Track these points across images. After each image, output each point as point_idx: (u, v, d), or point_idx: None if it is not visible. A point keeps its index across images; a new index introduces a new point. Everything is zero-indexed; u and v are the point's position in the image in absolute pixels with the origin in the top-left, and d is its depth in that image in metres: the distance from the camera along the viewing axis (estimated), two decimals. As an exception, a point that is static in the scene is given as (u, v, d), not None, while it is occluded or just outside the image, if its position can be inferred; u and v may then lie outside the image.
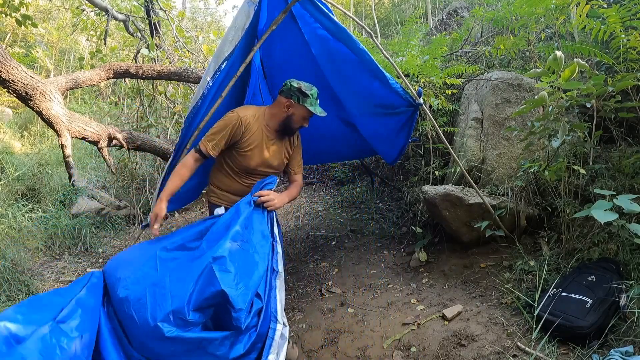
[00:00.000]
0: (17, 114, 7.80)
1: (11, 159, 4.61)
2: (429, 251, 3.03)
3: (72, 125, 3.19)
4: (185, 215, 4.62)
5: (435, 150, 3.42)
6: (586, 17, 2.57)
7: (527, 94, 3.02)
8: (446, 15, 6.10)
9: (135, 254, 1.88)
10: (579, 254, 2.19)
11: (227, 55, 2.13)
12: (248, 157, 2.09)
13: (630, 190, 2.21)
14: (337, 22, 2.11)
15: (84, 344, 1.49)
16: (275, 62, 2.92)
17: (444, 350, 1.97)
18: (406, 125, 2.58)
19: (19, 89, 2.94)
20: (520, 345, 1.82)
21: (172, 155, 2.35)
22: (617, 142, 2.57)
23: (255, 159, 2.11)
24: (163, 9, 5.64)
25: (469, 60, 4.21)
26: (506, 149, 2.95)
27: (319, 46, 2.37)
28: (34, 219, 3.50)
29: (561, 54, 2.09)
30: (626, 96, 2.41)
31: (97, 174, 5.45)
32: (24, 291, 2.90)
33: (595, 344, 1.71)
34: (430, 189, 2.78)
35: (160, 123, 5.51)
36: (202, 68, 4.87)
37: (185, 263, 1.72)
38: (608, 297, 1.82)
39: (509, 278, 2.37)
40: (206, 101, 2.19)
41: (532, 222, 2.59)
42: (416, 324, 2.23)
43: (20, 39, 8.96)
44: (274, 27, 2.11)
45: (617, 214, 1.70)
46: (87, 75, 3.82)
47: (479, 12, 3.69)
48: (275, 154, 2.16)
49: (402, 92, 2.35)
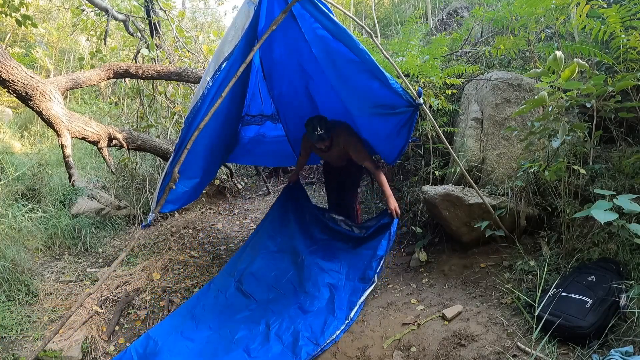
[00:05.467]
0: (17, 114, 7.80)
1: (11, 159, 4.60)
2: (429, 251, 3.03)
3: (72, 125, 3.19)
4: (185, 215, 4.62)
5: (435, 150, 3.42)
6: (586, 17, 2.56)
7: (527, 94, 3.02)
8: (446, 15, 6.10)
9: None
10: (579, 254, 2.19)
11: (227, 55, 2.13)
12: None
13: (630, 190, 2.21)
14: (337, 22, 2.11)
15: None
16: (275, 62, 2.92)
17: (444, 350, 1.97)
18: (406, 125, 2.58)
19: (19, 89, 2.93)
20: (520, 346, 1.82)
21: (172, 155, 2.35)
22: (617, 142, 2.57)
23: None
24: (163, 9, 5.63)
25: (469, 60, 4.21)
26: (506, 149, 2.95)
27: (319, 46, 2.37)
28: (34, 219, 3.50)
29: (561, 54, 2.09)
30: (626, 96, 2.41)
31: (97, 174, 5.45)
32: (24, 291, 2.90)
33: (595, 344, 1.71)
34: (430, 189, 2.78)
35: (160, 123, 5.51)
36: (202, 68, 4.87)
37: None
38: (608, 297, 1.82)
39: (509, 278, 2.37)
40: (206, 101, 2.19)
41: (532, 222, 2.59)
42: (416, 324, 2.23)
43: (20, 39, 8.96)
44: (274, 27, 2.11)
45: (617, 214, 1.70)
46: (87, 75, 3.81)
47: (479, 12, 3.69)
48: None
49: (402, 92, 2.35)
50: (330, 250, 2.93)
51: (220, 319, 2.57)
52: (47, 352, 2.35)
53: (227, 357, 2.26)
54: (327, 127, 2.81)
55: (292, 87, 3.09)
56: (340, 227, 3.05)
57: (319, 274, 2.73)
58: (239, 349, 2.30)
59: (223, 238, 4.06)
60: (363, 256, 2.71)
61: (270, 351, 2.25)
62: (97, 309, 2.83)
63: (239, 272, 2.93)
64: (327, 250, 2.94)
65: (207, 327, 2.51)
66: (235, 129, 3.35)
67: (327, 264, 2.83)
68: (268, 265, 2.95)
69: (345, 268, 2.75)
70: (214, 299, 2.75)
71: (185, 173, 2.50)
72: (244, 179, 5.96)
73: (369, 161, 2.90)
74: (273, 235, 3.17)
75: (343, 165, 3.15)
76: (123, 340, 2.64)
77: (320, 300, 2.56)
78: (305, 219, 3.22)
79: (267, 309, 2.59)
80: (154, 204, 2.39)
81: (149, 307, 2.90)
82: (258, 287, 2.81)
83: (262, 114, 3.44)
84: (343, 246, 2.93)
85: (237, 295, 2.77)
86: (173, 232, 4.00)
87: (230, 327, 2.49)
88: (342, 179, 3.32)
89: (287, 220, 3.24)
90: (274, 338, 2.33)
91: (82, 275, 3.32)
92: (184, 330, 2.48)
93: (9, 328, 2.54)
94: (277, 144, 3.63)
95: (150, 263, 3.39)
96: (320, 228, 3.14)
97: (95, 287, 2.26)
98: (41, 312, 2.77)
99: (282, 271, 2.89)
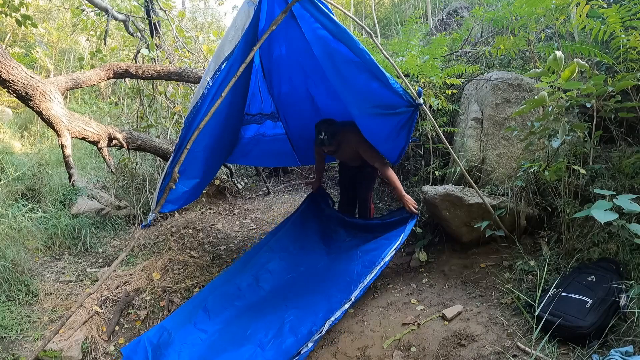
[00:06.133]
0: (17, 114, 7.79)
1: (11, 159, 4.60)
2: (429, 251, 3.03)
3: (72, 125, 3.19)
4: (185, 215, 4.61)
5: (435, 150, 3.42)
6: (586, 17, 2.56)
7: (527, 94, 3.02)
8: (446, 15, 6.10)
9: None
10: (579, 254, 2.19)
11: (227, 55, 2.13)
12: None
13: (630, 190, 2.21)
14: (337, 22, 2.11)
15: None
16: (275, 62, 2.93)
17: (444, 350, 1.97)
18: (406, 125, 2.58)
19: (19, 89, 2.93)
20: (520, 346, 1.82)
21: (172, 155, 2.35)
22: (617, 142, 2.57)
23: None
24: (163, 9, 5.63)
25: (469, 60, 4.20)
26: (506, 149, 2.95)
27: (319, 46, 2.37)
28: (34, 219, 3.50)
29: (561, 54, 2.09)
30: (626, 96, 2.41)
31: (97, 174, 5.44)
32: (23, 291, 2.90)
33: (595, 344, 1.71)
34: (430, 189, 2.78)
35: (160, 123, 5.50)
36: (202, 68, 4.87)
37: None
38: (608, 297, 1.82)
39: (509, 278, 2.37)
40: (206, 101, 2.19)
41: (532, 222, 2.59)
42: (416, 324, 2.23)
43: (20, 39, 8.94)
44: (274, 27, 2.11)
45: (617, 214, 1.70)
46: (87, 75, 3.81)
47: (479, 12, 3.69)
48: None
49: (402, 92, 2.35)
50: (350, 253, 2.90)
51: (233, 311, 2.61)
52: (47, 352, 2.35)
53: (239, 349, 2.29)
54: (332, 131, 2.85)
55: (292, 86, 3.09)
56: (359, 222, 3.09)
57: (339, 276, 2.71)
58: (251, 342, 2.33)
59: (223, 238, 4.06)
60: (379, 245, 2.71)
61: (283, 344, 2.26)
62: (97, 309, 2.83)
63: (254, 268, 2.94)
64: (348, 253, 2.93)
65: (220, 320, 2.54)
66: (236, 129, 3.35)
67: (346, 266, 2.79)
68: (286, 266, 2.98)
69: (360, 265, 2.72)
70: (227, 291, 2.76)
71: (185, 173, 2.50)
72: (244, 179, 5.96)
73: (380, 161, 2.92)
74: (294, 239, 3.19)
75: (357, 165, 3.19)
76: (123, 340, 2.64)
77: (337, 297, 2.53)
78: (329, 226, 3.25)
79: (282, 305, 2.60)
80: (154, 204, 2.39)
81: (149, 307, 2.90)
82: (274, 284, 2.84)
83: (262, 112, 3.44)
84: (363, 247, 2.89)
85: (251, 289, 2.79)
86: (173, 232, 4.00)
87: (244, 319, 2.52)
88: (357, 177, 3.38)
89: (309, 226, 3.28)
90: (287, 333, 2.34)
91: (82, 275, 3.32)
92: (197, 322, 2.52)
93: (9, 328, 2.54)
94: (277, 143, 3.64)
95: (150, 263, 3.38)
96: (342, 233, 3.17)
97: (95, 287, 2.26)
98: (41, 312, 2.77)
99: (300, 273, 2.92)
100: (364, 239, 2.94)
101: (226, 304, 2.66)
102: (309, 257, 3.03)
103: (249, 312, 2.60)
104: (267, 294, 2.76)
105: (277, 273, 2.93)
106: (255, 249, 3.14)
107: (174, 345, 2.34)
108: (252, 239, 4.02)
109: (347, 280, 2.55)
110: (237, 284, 2.81)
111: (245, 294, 2.75)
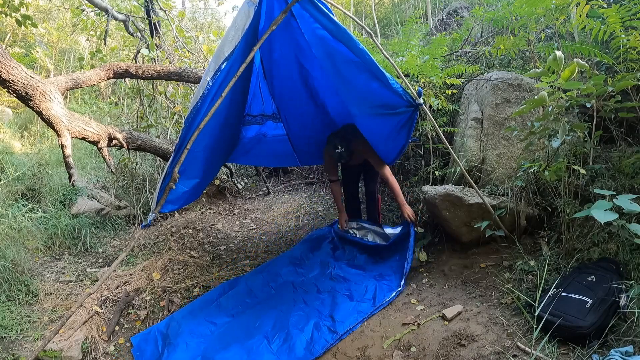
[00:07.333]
0: (17, 114, 7.79)
1: (11, 159, 4.60)
2: (429, 251, 3.03)
3: (72, 125, 3.19)
4: (185, 215, 4.61)
5: (435, 150, 3.42)
6: (586, 17, 2.56)
7: (527, 94, 3.02)
8: (446, 15, 6.10)
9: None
10: (579, 254, 2.19)
11: (227, 55, 2.13)
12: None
13: (630, 190, 2.21)
14: (337, 23, 2.11)
15: None
16: (275, 62, 2.92)
17: (444, 350, 1.97)
18: (406, 125, 2.59)
19: (19, 89, 2.93)
20: (521, 346, 1.82)
21: (172, 155, 2.35)
22: (617, 142, 2.57)
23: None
24: (163, 9, 5.63)
25: (469, 60, 4.20)
26: (506, 149, 2.95)
27: (319, 46, 2.37)
28: (34, 219, 3.50)
29: (561, 54, 2.09)
30: (626, 96, 2.40)
31: (97, 174, 5.44)
32: (24, 291, 2.90)
33: (595, 344, 1.71)
34: (430, 189, 2.78)
35: (160, 123, 5.50)
36: (202, 68, 4.87)
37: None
38: (608, 297, 1.82)
39: (509, 278, 2.37)
40: (206, 101, 2.19)
41: (532, 222, 2.59)
42: (416, 324, 2.23)
43: (20, 39, 8.94)
44: (274, 27, 2.10)
45: (617, 214, 1.70)
46: (87, 75, 3.81)
47: (479, 12, 3.69)
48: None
49: (402, 92, 2.35)
50: (358, 263, 3.11)
51: (244, 307, 2.73)
52: (47, 352, 2.35)
53: (247, 342, 2.38)
54: (347, 145, 2.95)
55: (293, 87, 3.09)
56: (367, 242, 3.24)
57: (346, 280, 2.89)
58: (259, 335, 2.42)
59: (223, 238, 4.06)
60: (390, 263, 2.94)
61: (290, 340, 2.35)
62: (97, 309, 2.83)
63: (268, 272, 3.12)
64: (355, 262, 3.13)
65: (230, 314, 2.67)
66: (236, 129, 3.35)
67: (354, 273, 2.99)
68: (296, 272, 3.12)
69: (371, 275, 2.90)
70: (238, 289, 2.92)
71: (186, 173, 2.50)
72: (244, 179, 5.96)
73: (386, 170, 3.01)
74: (306, 254, 3.35)
75: (362, 162, 3.25)
76: (123, 340, 2.64)
77: (344, 298, 2.69)
78: (337, 248, 3.37)
79: (291, 303, 2.72)
80: (154, 204, 2.39)
81: (149, 307, 2.90)
82: (284, 285, 2.97)
83: (263, 113, 3.44)
84: (370, 259, 3.12)
85: (263, 289, 2.94)
86: (173, 232, 4.00)
87: (253, 315, 2.63)
88: (362, 174, 3.51)
89: (321, 245, 3.41)
90: (294, 331, 2.43)
91: (82, 275, 3.32)
92: (207, 315, 2.64)
93: (9, 328, 2.54)
94: (277, 143, 3.64)
95: (150, 263, 3.39)
96: (347, 249, 3.31)
97: (95, 287, 2.26)
98: (41, 312, 2.77)
99: (310, 278, 3.04)
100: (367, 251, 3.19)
101: (237, 300, 2.81)
102: (317, 268, 3.16)
103: (258, 308, 2.71)
104: (276, 294, 2.91)
105: (288, 277, 3.08)
106: (273, 260, 3.34)
107: (183, 335, 2.45)
108: (252, 239, 4.02)
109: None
110: (250, 284, 2.98)
111: (257, 293, 2.90)
